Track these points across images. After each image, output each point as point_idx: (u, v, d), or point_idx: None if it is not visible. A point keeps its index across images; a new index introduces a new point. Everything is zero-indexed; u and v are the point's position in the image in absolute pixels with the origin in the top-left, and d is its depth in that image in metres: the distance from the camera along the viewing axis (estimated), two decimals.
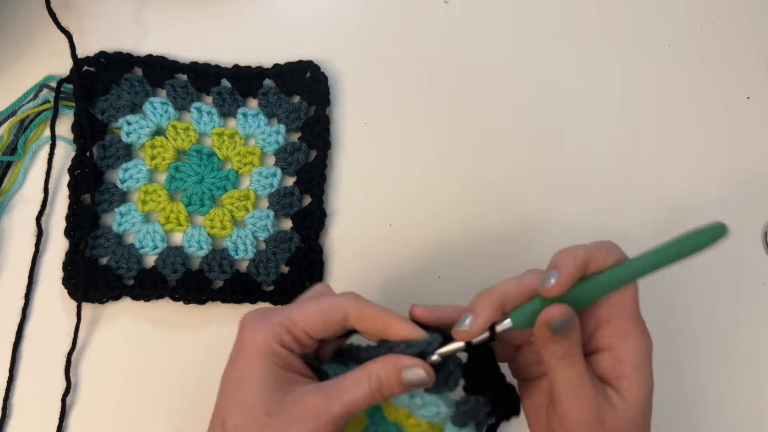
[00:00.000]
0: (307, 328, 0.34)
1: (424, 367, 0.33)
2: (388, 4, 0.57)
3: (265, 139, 0.52)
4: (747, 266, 0.52)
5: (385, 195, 0.52)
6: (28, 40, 0.53)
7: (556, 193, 0.53)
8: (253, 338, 0.33)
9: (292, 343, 0.34)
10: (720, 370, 0.50)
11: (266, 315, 0.34)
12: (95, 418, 0.47)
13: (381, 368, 0.33)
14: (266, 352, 0.33)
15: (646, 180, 0.53)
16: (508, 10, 0.57)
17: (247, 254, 0.49)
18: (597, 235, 0.37)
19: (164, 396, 0.47)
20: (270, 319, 0.34)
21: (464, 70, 0.55)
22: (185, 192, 0.51)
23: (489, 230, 0.52)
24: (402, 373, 0.33)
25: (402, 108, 0.54)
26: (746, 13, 0.58)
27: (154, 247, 0.49)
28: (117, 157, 0.51)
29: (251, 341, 0.33)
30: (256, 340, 0.33)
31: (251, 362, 0.33)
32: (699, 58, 0.57)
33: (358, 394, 0.33)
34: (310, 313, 0.34)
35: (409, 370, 0.33)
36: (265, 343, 0.33)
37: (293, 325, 0.34)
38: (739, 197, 0.53)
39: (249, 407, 0.32)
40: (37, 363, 0.48)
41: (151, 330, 0.49)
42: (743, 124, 0.55)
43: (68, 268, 0.48)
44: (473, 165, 0.53)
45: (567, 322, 0.33)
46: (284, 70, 0.53)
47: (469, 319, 0.34)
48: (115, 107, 0.51)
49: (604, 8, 0.57)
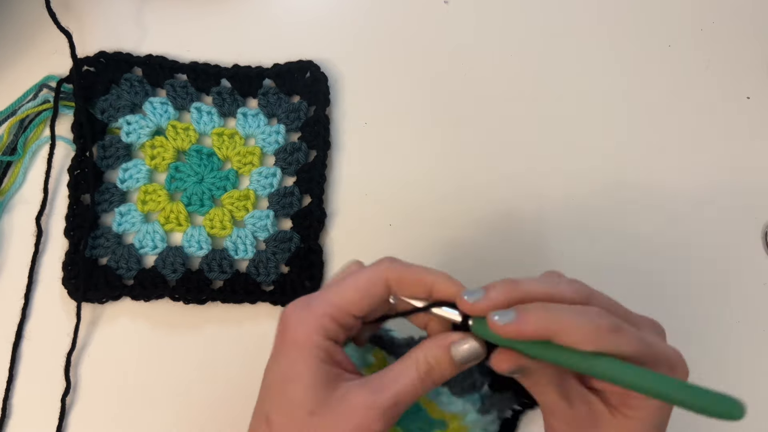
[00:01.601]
0: (351, 309, 0.32)
1: (474, 338, 0.31)
2: (389, 4, 0.56)
3: (265, 139, 0.52)
4: (747, 266, 0.52)
5: (385, 195, 0.52)
6: (28, 39, 0.53)
7: (557, 194, 0.53)
8: (297, 332, 0.32)
9: (338, 331, 0.32)
10: (720, 370, 0.50)
11: (308, 305, 0.32)
12: (95, 418, 0.47)
13: (428, 351, 0.31)
14: (311, 347, 0.31)
15: (646, 180, 0.53)
16: (509, 10, 0.57)
17: (247, 254, 0.49)
18: (596, 236, 0.36)
19: (164, 396, 0.47)
20: (312, 309, 0.32)
21: (464, 69, 0.55)
22: (185, 192, 0.51)
23: (489, 230, 0.52)
24: (451, 350, 0.31)
25: (402, 108, 0.54)
26: (746, 13, 0.58)
27: (154, 247, 0.49)
28: (117, 157, 0.51)
29: (295, 335, 0.32)
30: (301, 336, 0.32)
31: (296, 358, 0.31)
32: (699, 58, 0.57)
33: (407, 382, 0.31)
34: (350, 292, 0.32)
35: (459, 346, 0.31)
36: (309, 337, 0.31)
37: (337, 311, 0.32)
38: (739, 197, 0.53)
39: (294, 406, 0.31)
40: (36, 363, 0.48)
41: (151, 330, 0.49)
42: (743, 124, 0.55)
43: (68, 268, 0.48)
44: (473, 165, 0.53)
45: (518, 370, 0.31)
46: (284, 70, 0.53)
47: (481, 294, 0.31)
48: (114, 107, 0.51)
49: (605, 8, 0.57)
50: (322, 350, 0.31)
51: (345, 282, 0.33)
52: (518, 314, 0.29)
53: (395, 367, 0.32)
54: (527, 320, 0.29)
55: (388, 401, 0.30)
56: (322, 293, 0.33)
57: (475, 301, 0.31)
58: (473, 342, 0.31)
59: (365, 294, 0.32)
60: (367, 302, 0.32)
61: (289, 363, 0.32)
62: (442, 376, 0.32)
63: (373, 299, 0.33)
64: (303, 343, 0.31)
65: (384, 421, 0.30)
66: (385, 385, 0.31)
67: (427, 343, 0.32)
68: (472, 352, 0.31)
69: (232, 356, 0.48)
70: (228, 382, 0.47)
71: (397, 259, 0.33)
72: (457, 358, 0.31)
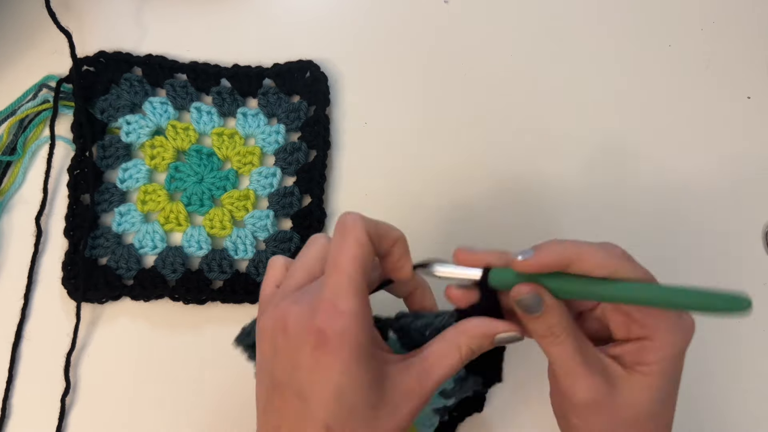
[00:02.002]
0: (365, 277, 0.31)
1: (518, 329, 0.33)
2: (389, 4, 0.56)
3: (264, 138, 0.52)
4: (747, 266, 0.52)
5: (385, 195, 0.52)
6: (28, 39, 0.53)
7: (557, 194, 0.53)
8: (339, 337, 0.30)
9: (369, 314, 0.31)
10: (720, 370, 0.50)
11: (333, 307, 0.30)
12: (95, 418, 0.47)
13: (472, 338, 0.32)
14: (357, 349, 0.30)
15: (645, 180, 0.53)
16: (509, 11, 0.57)
17: (247, 254, 0.49)
18: (596, 237, 0.36)
19: (164, 396, 0.47)
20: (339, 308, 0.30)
21: (464, 69, 0.55)
22: (185, 192, 0.51)
23: (489, 230, 0.52)
24: (495, 339, 0.33)
25: (402, 108, 0.54)
26: (746, 13, 0.58)
27: (154, 247, 0.49)
28: (116, 156, 0.51)
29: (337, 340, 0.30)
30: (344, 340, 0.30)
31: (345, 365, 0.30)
32: (699, 58, 0.57)
33: (448, 367, 0.32)
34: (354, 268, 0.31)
35: (503, 336, 0.33)
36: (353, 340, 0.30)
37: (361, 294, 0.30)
38: (739, 197, 0.53)
39: (354, 407, 0.30)
40: (36, 363, 0.48)
41: (151, 330, 0.49)
42: (743, 124, 0.55)
43: (68, 268, 0.48)
44: (473, 165, 0.53)
45: (536, 302, 0.32)
46: (284, 70, 0.53)
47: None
48: (114, 107, 0.51)
49: (605, 8, 0.57)
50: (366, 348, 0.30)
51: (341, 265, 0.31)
52: (536, 249, 0.32)
53: (436, 350, 0.32)
54: (546, 250, 0.32)
55: (432, 386, 0.32)
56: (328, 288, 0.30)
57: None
58: (515, 334, 0.33)
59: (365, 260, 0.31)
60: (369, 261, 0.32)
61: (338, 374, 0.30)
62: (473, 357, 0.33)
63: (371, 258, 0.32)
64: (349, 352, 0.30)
65: (427, 402, 0.32)
66: (429, 370, 0.32)
67: (471, 329, 0.33)
68: (511, 338, 0.33)
69: (232, 356, 0.48)
70: (228, 382, 0.47)
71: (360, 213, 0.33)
72: (496, 341, 0.33)
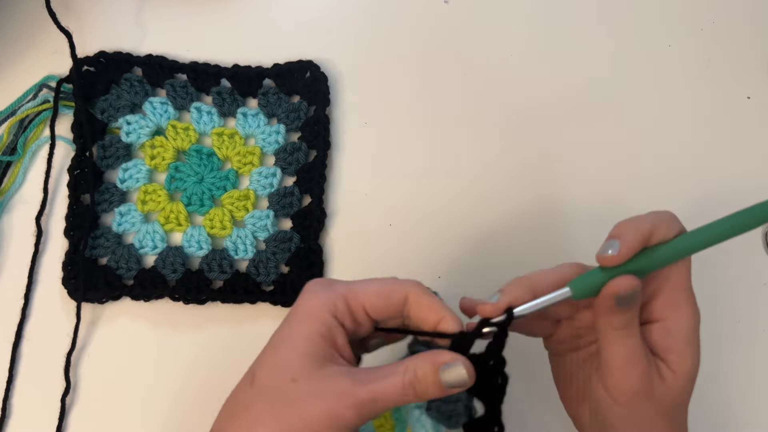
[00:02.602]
0: (367, 303, 0.33)
1: (466, 365, 0.31)
2: (389, 4, 0.56)
3: (264, 139, 0.52)
4: (747, 266, 0.52)
5: (385, 195, 0.52)
6: (28, 39, 0.53)
7: (556, 194, 0.53)
8: (308, 303, 0.33)
9: (346, 316, 0.33)
10: (720, 370, 0.50)
11: (330, 284, 0.34)
12: (95, 418, 0.47)
13: (418, 363, 0.32)
14: (315, 318, 0.32)
15: (645, 180, 0.53)
16: (509, 10, 0.57)
17: (247, 254, 0.49)
18: (594, 239, 0.37)
19: (164, 396, 0.47)
20: (332, 287, 0.34)
21: (464, 69, 0.55)
22: (185, 192, 0.51)
23: (489, 230, 0.52)
24: (440, 371, 0.31)
25: (402, 108, 0.54)
26: (746, 13, 0.58)
27: (154, 247, 0.49)
28: (117, 156, 0.51)
29: (305, 306, 0.33)
30: (310, 306, 0.33)
31: (298, 324, 0.33)
32: (699, 58, 0.57)
33: (389, 385, 0.31)
34: (373, 289, 0.33)
35: (448, 369, 0.31)
36: (317, 310, 0.33)
37: (353, 297, 0.33)
38: (739, 197, 0.53)
39: (280, 368, 0.32)
40: (36, 363, 0.48)
41: (151, 330, 0.49)
42: (743, 124, 0.55)
43: (68, 268, 0.48)
44: (473, 165, 0.53)
45: (635, 294, 0.33)
46: (284, 70, 0.53)
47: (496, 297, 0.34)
48: (114, 107, 0.51)
49: (605, 8, 0.57)
50: (324, 326, 0.32)
51: (371, 280, 0.34)
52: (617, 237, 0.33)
53: (386, 368, 0.32)
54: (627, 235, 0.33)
55: (365, 395, 0.31)
56: (346, 281, 0.34)
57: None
58: (462, 369, 0.31)
59: (385, 296, 0.33)
60: (383, 305, 0.33)
61: (290, 327, 0.33)
62: (425, 392, 0.32)
63: (389, 305, 0.33)
64: (309, 312, 0.33)
65: (357, 412, 0.30)
66: (368, 380, 0.31)
67: (422, 357, 0.32)
68: (460, 380, 0.32)
69: (232, 356, 0.48)
70: (228, 382, 0.47)
71: (423, 285, 0.34)
72: (444, 380, 0.31)
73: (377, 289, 0.34)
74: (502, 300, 0.34)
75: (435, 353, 0.32)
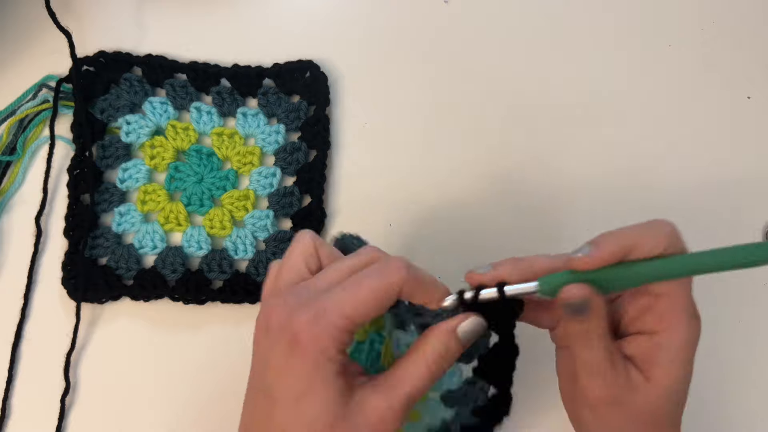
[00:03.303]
0: (364, 320, 0.31)
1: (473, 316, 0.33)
2: (389, 4, 0.56)
3: (264, 138, 0.52)
4: None
5: (385, 195, 0.52)
6: (28, 39, 0.53)
7: (556, 194, 0.53)
8: (310, 348, 0.30)
9: (350, 341, 0.32)
10: (720, 370, 0.50)
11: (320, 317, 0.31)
12: (94, 418, 0.47)
13: (435, 343, 0.32)
14: (326, 362, 0.30)
15: (645, 180, 0.53)
16: (509, 10, 0.57)
17: (247, 254, 0.49)
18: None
19: (164, 396, 0.47)
20: (326, 322, 0.30)
21: (464, 69, 0.55)
22: (185, 192, 0.51)
23: (489, 230, 0.52)
24: (458, 333, 0.32)
25: (402, 108, 0.54)
26: (746, 13, 0.58)
27: (154, 247, 0.49)
28: (116, 156, 0.51)
29: (308, 350, 0.30)
30: (315, 351, 0.30)
31: (310, 374, 0.30)
32: (699, 58, 0.57)
33: (417, 377, 0.31)
34: (364, 304, 0.31)
35: (463, 326, 0.32)
36: (324, 353, 0.30)
37: (351, 325, 0.31)
38: (739, 197, 0.53)
39: (313, 421, 0.30)
40: (36, 363, 0.48)
41: (151, 330, 0.49)
42: (743, 124, 0.55)
43: (67, 268, 0.48)
44: (473, 165, 0.53)
45: (585, 305, 0.32)
46: (284, 70, 0.53)
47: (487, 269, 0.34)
48: (114, 107, 0.51)
49: (605, 8, 0.57)
50: (336, 364, 0.31)
51: (359, 289, 0.31)
52: (594, 244, 0.32)
53: (404, 363, 0.32)
54: (604, 244, 0.32)
55: (402, 401, 0.31)
56: (332, 299, 0.31)
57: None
58: (474, 317, 0.33)
59: (379, 305, 0.32)
60: (378, 311, 0.32)
61: (303, 379, 0.31)
62: (451, 361, 0.32)
63: (385, 306, 0.32)
64: (317, 359, 0.30)
65: (401, 420, 0.31)
66: (396, 385, 0.31)
67: (431, 331, 0.32)
68: (475, 326, 0.33)
69: (232, 356, 0.48)
70: (228, 382, 0.47)
71: (412, 265, 0.32)
72: (462, 337, 0.32)
73: (370, 301, 0.31)
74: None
75: (444, 323, 0.33)
